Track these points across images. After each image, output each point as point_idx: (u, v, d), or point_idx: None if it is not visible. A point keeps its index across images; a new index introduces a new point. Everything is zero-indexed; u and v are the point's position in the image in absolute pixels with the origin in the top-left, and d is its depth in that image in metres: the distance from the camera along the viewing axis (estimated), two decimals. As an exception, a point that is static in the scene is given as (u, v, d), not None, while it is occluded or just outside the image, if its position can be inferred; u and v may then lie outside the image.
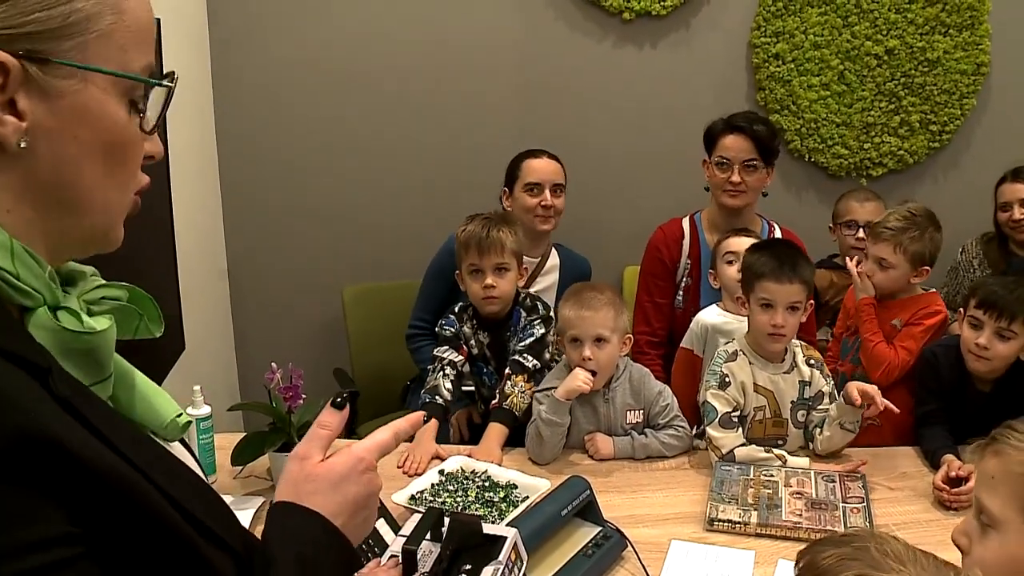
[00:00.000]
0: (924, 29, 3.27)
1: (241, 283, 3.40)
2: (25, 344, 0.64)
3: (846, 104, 3.33)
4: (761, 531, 1.84)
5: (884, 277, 2.41)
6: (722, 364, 2.20)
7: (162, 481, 0.66)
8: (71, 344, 0.68)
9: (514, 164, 2.83)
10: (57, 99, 0.66)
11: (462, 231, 2.41)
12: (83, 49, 0.67)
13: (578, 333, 2.15)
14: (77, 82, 0.67)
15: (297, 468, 0.86)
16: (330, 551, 0.81)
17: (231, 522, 0.76)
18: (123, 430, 0.68)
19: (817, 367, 2.24)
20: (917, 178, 3.49)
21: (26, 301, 0.66)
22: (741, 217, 2.68)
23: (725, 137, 2.65)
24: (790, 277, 2.12)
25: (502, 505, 1.87)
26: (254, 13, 3.15)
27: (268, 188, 3.32)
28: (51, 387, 0.61)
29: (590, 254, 2.97)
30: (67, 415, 0.60)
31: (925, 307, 2.41)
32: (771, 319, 2.13)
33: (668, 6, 3.20)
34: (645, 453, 2.17)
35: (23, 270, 0.66)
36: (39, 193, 0.68)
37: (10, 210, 0.67)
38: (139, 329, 0.80)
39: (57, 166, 0.68)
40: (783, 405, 2.19)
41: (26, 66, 0.65)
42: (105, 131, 0.70)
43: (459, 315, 2.46)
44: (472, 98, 3.29)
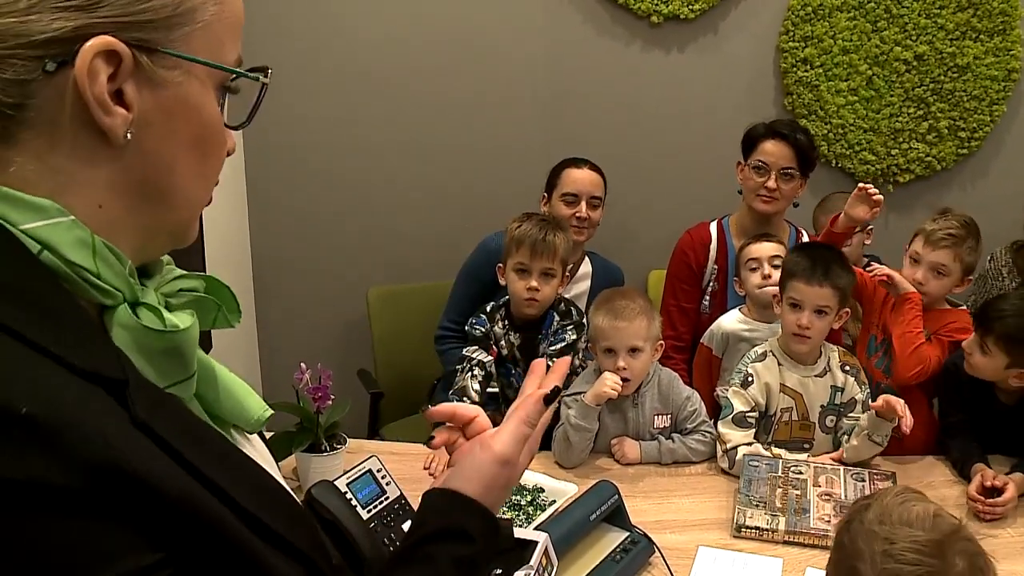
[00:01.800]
0: (955, 35, 3.24)
1: (266, 283, 3.41)
2: (101, 355, 0.61)
3: (874, 110, 3.31)
4: (789, 539, 1.83)
5: (938, 285, 2.34)
6: (749, 364, 2.21)
7: (242, 495, 0.63)
8: (154, 343, 0.66)
9: (556, 171, 2.81)
10: (162, 90, 0.65)
11: (516, 227, 2.40)
12: (188, 40, 0.66)
13: (612, 344, 2.14)
14: (181, 73, 0.66)
15: (504, 474, 0.83)
16: (493, 550, 0.82)
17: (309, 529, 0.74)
18: (203, 443, 0.65)
19: (853, 374, 2.22)
20: (945, 185, 3.46)
21: (106, 300, 0.65)
22: (771, 223, 2.67)
23: (766, 142, 2.63)
24: (820, 280, 2.12)
25: (529, 509, 1.87)
26: (283, 13, 3.17)
27: (293, 189, 3.33)
28: (128, 405, 0.59)
29: (616, 258, 2.97)
30: (144, 437, 0.58)
31: (954, 321, 2.36)
32: (797, 319, 2.14)
33: (696, 10, 3.19)
34: (672, 458, 2.17)
35: (104, 267, 0.64)
36: (134, 186, 0.67)
37: (102, 205, 0.66)
38: (217, 320, 0.78)
39: (156, 159, 0.67)
40: (811, 408, 2.18)
41: (136, 55, 0.63)
42: (201, 124, 0.69)
43: (491, 315, 2.45)
44: (499, 101, 3.29)
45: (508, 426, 0.85)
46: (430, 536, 0.78)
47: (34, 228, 0.61)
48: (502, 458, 0.83)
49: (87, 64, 0.61)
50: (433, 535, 0.78)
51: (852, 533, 1.19)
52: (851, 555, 1.17)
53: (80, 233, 0.63)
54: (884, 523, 1.15)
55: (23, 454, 0.51)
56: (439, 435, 0.91)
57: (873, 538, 1.15)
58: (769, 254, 2.45)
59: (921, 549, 1.11)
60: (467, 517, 0.80)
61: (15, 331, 0.56)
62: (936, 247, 2.31)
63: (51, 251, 0.61)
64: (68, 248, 0.62)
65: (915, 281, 2.32)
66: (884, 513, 1.17)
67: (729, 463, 2.13)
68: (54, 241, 0.62)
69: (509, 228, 2.42)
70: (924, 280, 2.33)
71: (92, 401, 0.57)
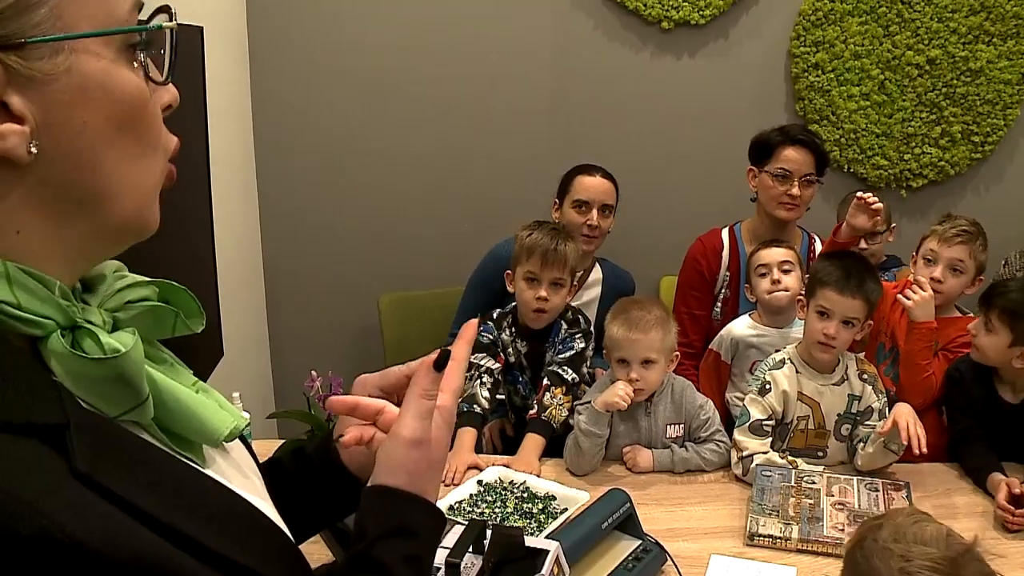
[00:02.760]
0: (967, 38, 3.23)
1: (277, 290, 3.41)
2: (34, 398, 0.54)
3: (886, 115, 3.29)
4: (803, 547, 1.82)
5: (955, 283, 2.33)
6: (767, 371, 2.19)
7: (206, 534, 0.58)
8: (94, 371, 0.58)
9: (567, 177, 2.80)
10: (50, 85, 0.56)
11: (527, 235, 2.38)
12: (57, 16, 0.56)
13: (626, 355, 2.13)
14: (64, 57, 0.56)
15: (419, 456, 0.77)
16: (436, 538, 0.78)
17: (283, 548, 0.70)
18: (160, 482, 0.59)
19: (870, 382, 2.20)
20: (958, 189, 3.44)
21: (34, 331, 0.57)
22: (785, 230, 2.66)
23: (786, 149, 2.61)
24: (853, 292, 2.10)
25: (541, 517, 1.86)
26: (293, 22, 3.18)
27: (305, 196, 3.34)
28: (69, 456, 0.52)
29: (627, 264, 2.96)
30: (86, 491, 0.52)
31: (963, 335, 2.32)
32: (824, 328, 2.11)
33: (707, 15, 3.19)
34: (684, 467, 2.16)
35: (24, 296, 0.56)
36: (57, 197, 0.59)
37: (20, 230, 0.58)
38: (176, 327, 0.70)
39: (74, 161, 0.58)
40: (828, 416, 2.17)
41: (3, 59, 0.54)
42: (112, 103, 0.59)
43: (498, 322, 2.45)
44: (510, 107, 3.29)
45: (408, 406, 0.79)
46: (374, 540, 0.74)
47: None
48: (411, 440, 0.77)
49: None
50: (377, 539, 0.74)
51: (866, 551, 1.21)
52: (866, 573, 1.19)
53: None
54: (899, 541, 1.17)
55: None
56: (350, 432, 0.86)
57: (889, 556, 1.17)
58: (779, 259, 2.44)
59: (936, 567, 1.13)
60: (403, 512, 0.76)
61: None
62: (951, 243, 2.32)
63: None
64: None
65: (932, 279, 2.30)
66: (898, 532, 1.19)
67: (744, 470, 2.12)
68: None
69: (519, 236, 2.41)
70: (943, 277, 2.32)
71: (20, 460, 0.50)
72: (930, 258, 2.35)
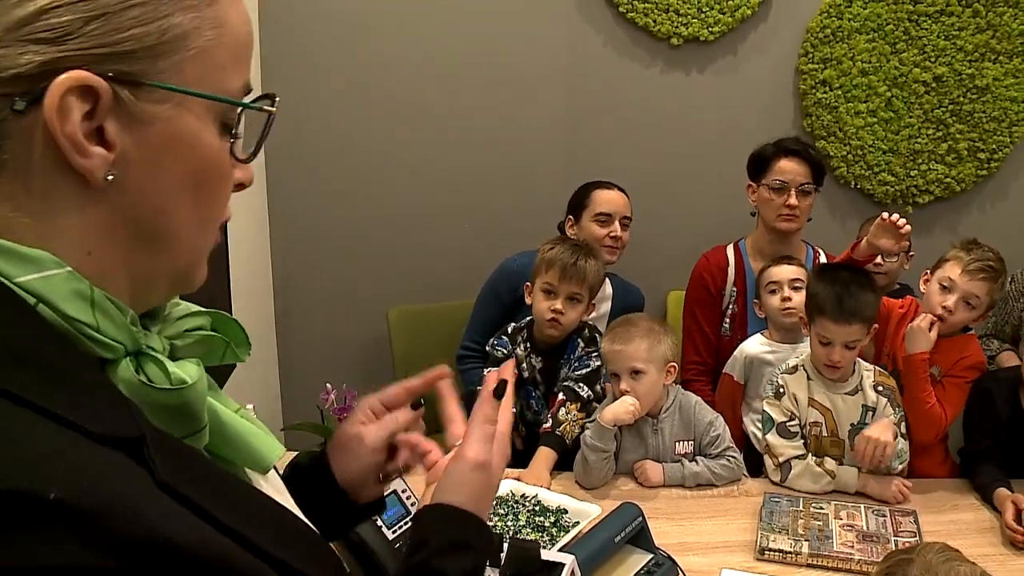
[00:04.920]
0: (974, 56, 3.25)
1: (286, 302, 3.43)
2: (115, 413, 0.57)
3: (893, 131, 3.32)
4: (813, 562, 1.83)
5: (965, 316, 2.25)
6: (779, 375, 2.22)
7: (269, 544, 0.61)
8: (160, 400, 0.61)
9: (583, 193, 2.82)
10: (149, 126, 0.60)
11: (549, 248, 2.41)
12: (179, 69, 0.60)
13: (614, 367, 2.17)
14: (171, 107, 0.61)
15: (482, 479, 0.85)
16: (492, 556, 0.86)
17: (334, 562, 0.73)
18: (226, 494, 0.62)
19: (886, 395, 2.19)
20: (964, 206, 3.46)
21: (107, 354, 0.60)
22: (788, 243, 2.67)
23: (780, 161, 2.63)
24: (848, 319, 2.09)
25: (552, 530, 1.87)
26: (306, 37, 3.20)
27: (315, 208, 3.36)
28: (149, 465, 0.55)
29: (635, 278, 2.98)
30: (169, 499, 0.55)
31: (966, 356, 2.29)
32: (828, 354, 2.14)
33: (716, 32, 3.21)
34: (695, 482, 2.17)
35: (103, 320, 0.59)
36: (125, 231, 0.62)
37: (91, 252, 0.61)
38: (226, 355, 0.74)
39: (145, 201, 0.62)
40: (840, 425, 2.18)
41: (117, 90, 0.58)
42: (198, 160, 0.63)
43: (512, 336, 2.46)
44: (520, 122, 3.32)
45: (473, 430, 0.87)
46: (436, 552, 0.79)
47: (28, 281, 0.57)
48: (476, 462, 0.85)
49: (57, 102, 0.56)
50: (438, 551, 0.79)
51: None
52: None
53: (77, 285, 0.59)
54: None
55: (58, 541, 0.48)
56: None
57: None
58: (789, 277, 2.45)
59: None
60: (463, 528, 0.82)
61: (25, 399, 0.52)
62: (973, 277, 2.22)
63: (48, 305, 0.57)
64: (65, 302, 0.58)
65: (944, 308, 2.23)
66: (929, 571, 1.18)
67: (782, 477, 2.15)
68: (50, 294, 0.58)
69: (541, 249, 2.44)
70: (954, 308, 2.23)
71: (115, 470, 0.53)
72: (947, 286, 2.25)
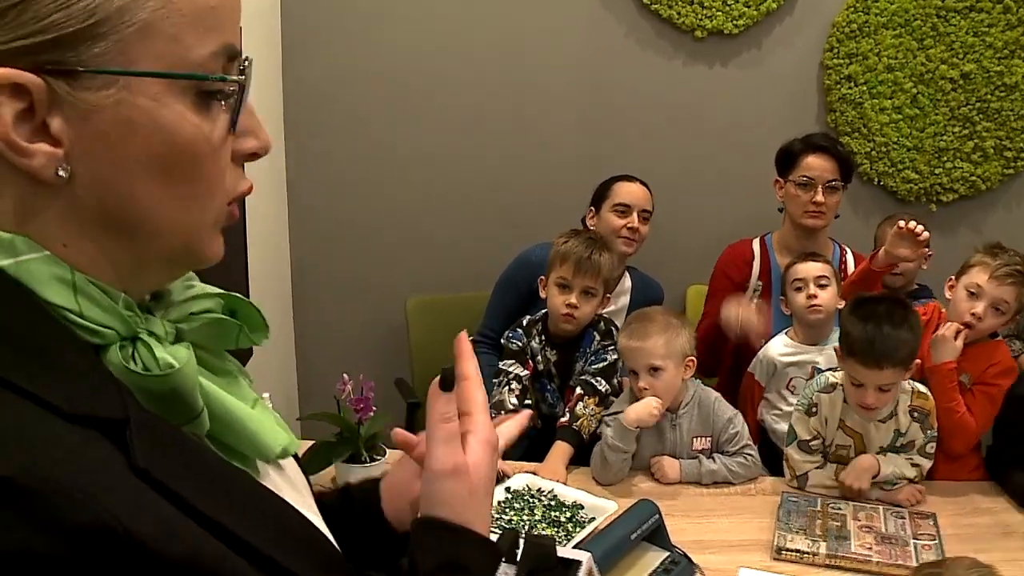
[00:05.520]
0: (1003, 53, 3.20)
1: (304, 291, 3.43)
2: (96, 393, 0.55)
3: (918, 128, 3.27)
4: (831, 562, 1.81)
5: (994, 322, 2.22)
6: (815, 392, 2.15)
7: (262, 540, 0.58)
8: (150, 385, 0.58)
9: (605, 185, 2.82)
10: (95, 115, 0.55)
11: (563, 242, 2.39)
12: (121, 49, 0.55)
13: (632, 364, 2.15)
14: (117, 91, 0.55)
15: (457, 486, 0.74)
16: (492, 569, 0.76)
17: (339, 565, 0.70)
18: (217, 484, 0.59)
19: (920, 419, 2.11)
20: (989, 205, 3.41)
21: (94, 339, 0.57)
22: (815, 240, 2.65)
23: (807, 157, 2.61)
24: (880, 363, 1.97)
25: (568, 525, 1.86)
26: (327, 26, 3.19)
27: (334, 198, 3.35)
28: (128, 451, 0.52)
29: (655, 272, 2.96)
30: (145, 487, 0.52)
31: (996, 362, 2.25)
32: (861, 397, 2.04)
33: (741, 25, 3.18)
34: (712, 479, 2.15)
35: (88, 305, 0.57)
36: (93, 222, 0.58)
37: (67, 244, 0.58)
38: (240, 339, 0.69)
39: (108, 191, 0.58)
40: (870, 448, 2.13)
41: (50, 83, 0.53)
42: (162, 143, 0.58)
43: (527, 329, 2.45)
44: (540, 113, 3.30)
45: (430, 437, 0.77)
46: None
47: (6, 266, 0.55)
48: (441, 471, 0.75)
49: None
50: (428, 574, 0.72)
51: None
52: None
53: (57, 270, 0.56)
54: None
55: (2, 522, 0.45)
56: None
57: None
58: (815, 274, 2.41)
59: None
60: (451, 545, 0.74)
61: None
62: (1002, 283, 2.18)
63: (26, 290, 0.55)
64: (44, 286, 0.55)
65: (973, 315, 2.19)
66: None
67: (800, 486, 2.14)
68: (29, 279, 0.55)
69: (556, 242, 2.42)
70: (983, 315, 2.19)
71: (82, 451, 0.50)
72: (975, 292, 2.21)
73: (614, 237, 2.65)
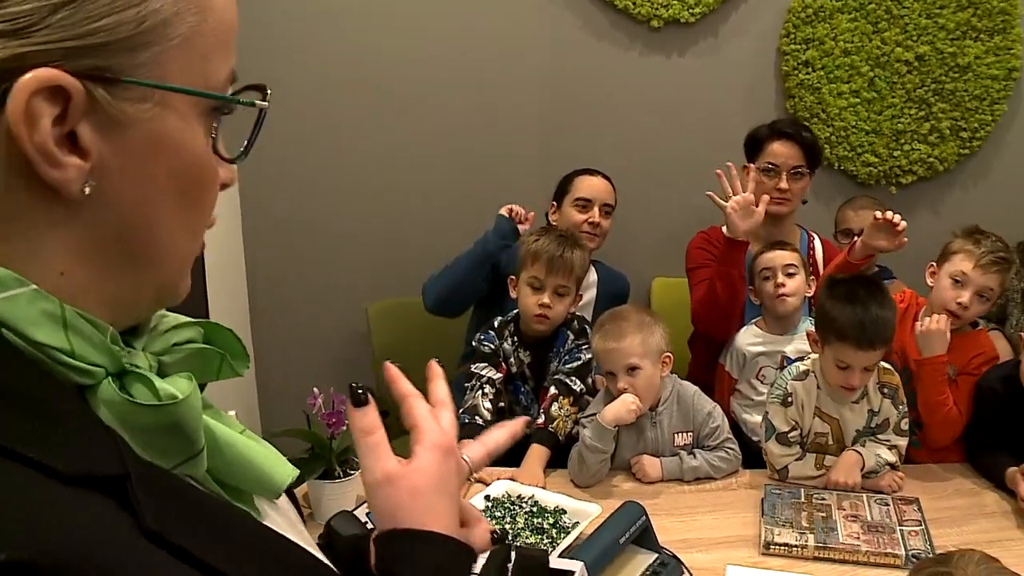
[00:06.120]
0: (955, 34, 3.22)
1: (261, 302, 3.33)
2: (91, 447, 0.50)
3: (876, 111, 3.28)
4: (820, 555, 1.79)
5: (979, 309, 2.21)
6: (789, 380, 2.13)
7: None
8: (148, 420, 0.54)
9: (567, 179, 2.79)
10: (128, 128, 0.52)
11: (533, 240, 2.35)
12: (160, 62, 0.52)
13: (609, 366, 2.11)
14: (153, 106, 0.53)
15: (394, 492, 0.71)
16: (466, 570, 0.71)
17: None
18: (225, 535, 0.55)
19: (890, 395, 2.11)
20: (947, 186, 3.43)
21: (85, 380, 0.53)
22: (781, 227, 2.63)
23: (772, 143, 2.60)
24: (873, 344, 1.97)
25: (552, 531, 1.81)
26: (275, 25, 3.10)
27: (289, 203, 3.26)
28: (135, 509, 0.48)
29: (619, 264, 2.92)
30: (156, 549, 0.48)
31: (980, 352, 2.25)
32: (846, 379, 2.03)
33: (697, 13, 3.15)
34: (694, 475, 2.12)
35: (79, 342, 0.52)
36: (105, 248, 0.54)
37: (64, 272, 0.53)
38: (222, 370, 0.65)
39: (128, 214, 0.54)
40: (847, 434, 2.12)
41: (91, 89, 0.50)
42: (183, 164, 0.56)
43: (499, 331, 2.40)
44: (498, 109, 3.24)
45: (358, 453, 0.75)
46: None
47: None
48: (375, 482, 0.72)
49: (23, 106, 0.48)
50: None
51: None
52: None
53: (45, 305, 0.51)
54: None
55: None
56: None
57: None
58: (783, 263, 2.40)
59: None
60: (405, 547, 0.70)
61: None
62: (988, 270, 2.16)
63: (12, 330, 0.50)
64: (32, 326, 0.50)
65: (959, 303, 2.17)
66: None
67: (781, 479, 2.11)
68: (14, 318, 0.50)
69: (526, 241, 2.37)
70: (970, 304, 2.17)
71: (88, 518, 0.46)
72: (960, 280, 2.19)
73: (576, 232, 2.60)
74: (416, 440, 0.75)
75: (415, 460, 0.74)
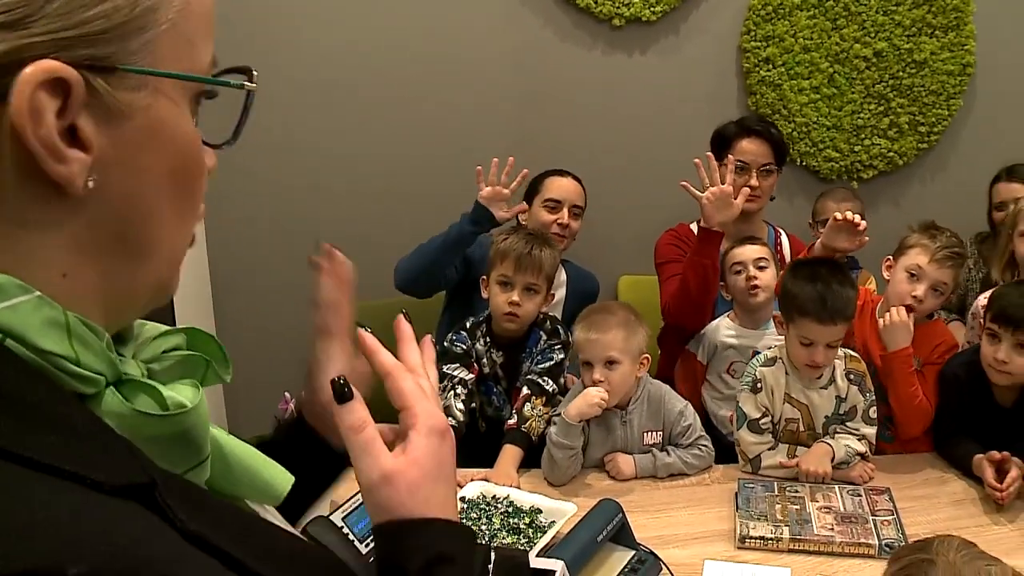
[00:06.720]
0: (911, 31, 3.27)
1: (226, 304, 3.29)
2: (119, 458, 0.49)
3: (836, 107, 3.32)
4: (795, 547, 1.80)
5: (934, 303, 2.25)
6: (758, 367, 2.15)
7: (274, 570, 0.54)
8: (154, 430, 0.53)
9: (537, 180, 2.78)
10: (127, 119, 0.51)
11: (503, 239, 2.34)
12: (152, 49, 0.51)
13: (588, 356, 2.10)
14: (148, 94, 0.52)
15: (394, 492, 0.68)
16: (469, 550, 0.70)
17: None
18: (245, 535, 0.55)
19: (856, 382, 2.15)
20: (906, 179, 3.49)
21: (87, 388, 0.51)
22: (750, 223, 2.64)
23: (741, 141, 2.60)
24: (834, 319, 2.02)
25: (529, 531, 1.80)
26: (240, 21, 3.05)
27: (254, 201, 3.22)
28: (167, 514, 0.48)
29: (586, 263, 2.92)
30: (197, 551, 0.48)
31: (940, 342, 2.28)
32: (810, 355, 2.06)
33: (658, 12, 3.17)
34: (667, 472, 2.12)
35: (82, 350, 0.50)
36: (106, 244, 0.53)
37: (67, 273, 0.51)
38: (207, 377, 0.63)
39: (128, 206, 0.52)
40: (817, 419, 2.15)
41: (90, 79, 0.49)
42: (177, 152, 0.55)
43: (471, 331, 2.38)
44: (461, 108, 3.23)
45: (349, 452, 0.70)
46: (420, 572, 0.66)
47: None
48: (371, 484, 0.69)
49: (27, 100, 0.46)
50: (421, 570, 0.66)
51: None
52: None
53: (50, 312, 0.49)
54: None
55: None
56: None
57: None
58: (753, 257, 2.43)
59: None
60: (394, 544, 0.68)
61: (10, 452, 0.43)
62: (942, 265, 2.20)
63: (17, 339, 0.48)
64: (38, 334, 0.48)
65: (914, 297, 2.20)
66: (955, 572, 1.15)
67: (753, 470, 2.12)
68: (19, 327, 0.48)
69: (495, 240, 2.36)
70: (924, 297, 2.21)
71: (138, 528, 0.45)
72: (915, 274, 2.22)
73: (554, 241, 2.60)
74: (409, 424, 0.71)
75: (411, 449, 0.70)
